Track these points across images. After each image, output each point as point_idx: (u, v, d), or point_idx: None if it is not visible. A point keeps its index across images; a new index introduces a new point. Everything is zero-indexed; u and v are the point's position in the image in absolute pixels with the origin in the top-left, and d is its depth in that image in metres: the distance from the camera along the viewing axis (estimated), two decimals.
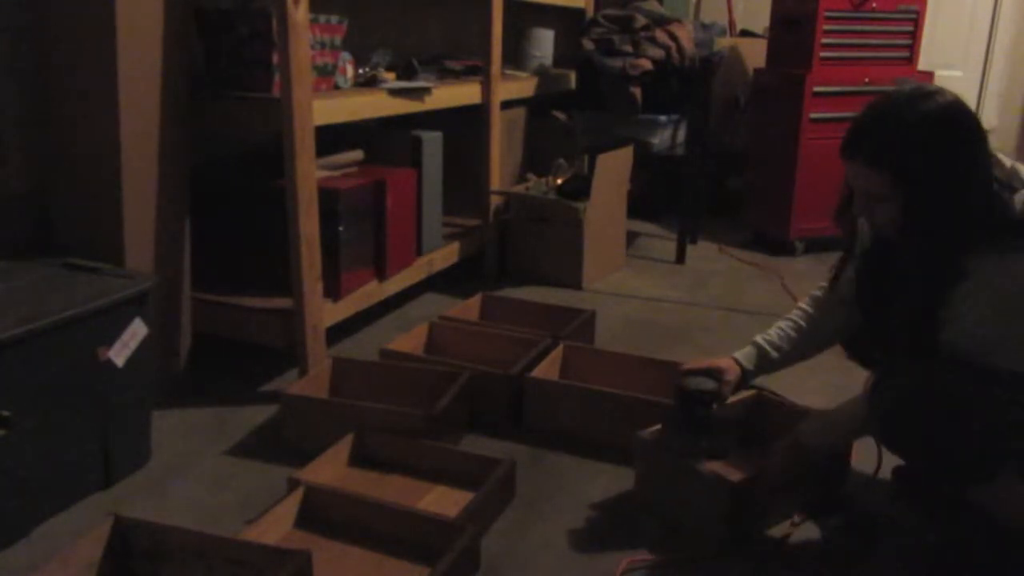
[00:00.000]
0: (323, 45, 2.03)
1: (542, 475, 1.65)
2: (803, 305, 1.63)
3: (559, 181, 3.05)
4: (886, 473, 1.58)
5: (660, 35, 3.21)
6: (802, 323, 1.60)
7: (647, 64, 3.13)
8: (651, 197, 3.79)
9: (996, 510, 1.35)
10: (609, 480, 1.64)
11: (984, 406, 1.26)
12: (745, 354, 1.61)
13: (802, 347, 1.61)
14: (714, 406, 1.53)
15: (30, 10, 1.71)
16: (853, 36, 3.19)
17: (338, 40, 2.09)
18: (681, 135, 3.35)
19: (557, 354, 1.97)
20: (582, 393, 1.78)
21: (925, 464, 1.40)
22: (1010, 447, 1.26)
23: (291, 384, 1.84)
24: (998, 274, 1.26)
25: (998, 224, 1.27)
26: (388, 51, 2.45)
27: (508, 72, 3.17)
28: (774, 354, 1.59)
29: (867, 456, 1.58)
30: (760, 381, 1.69)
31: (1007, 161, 1.33)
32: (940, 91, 1.29)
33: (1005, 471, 1.28)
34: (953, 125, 1.27)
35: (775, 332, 1.61)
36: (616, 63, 3.14)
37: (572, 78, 3.45)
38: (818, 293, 1.62)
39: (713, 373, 1.57)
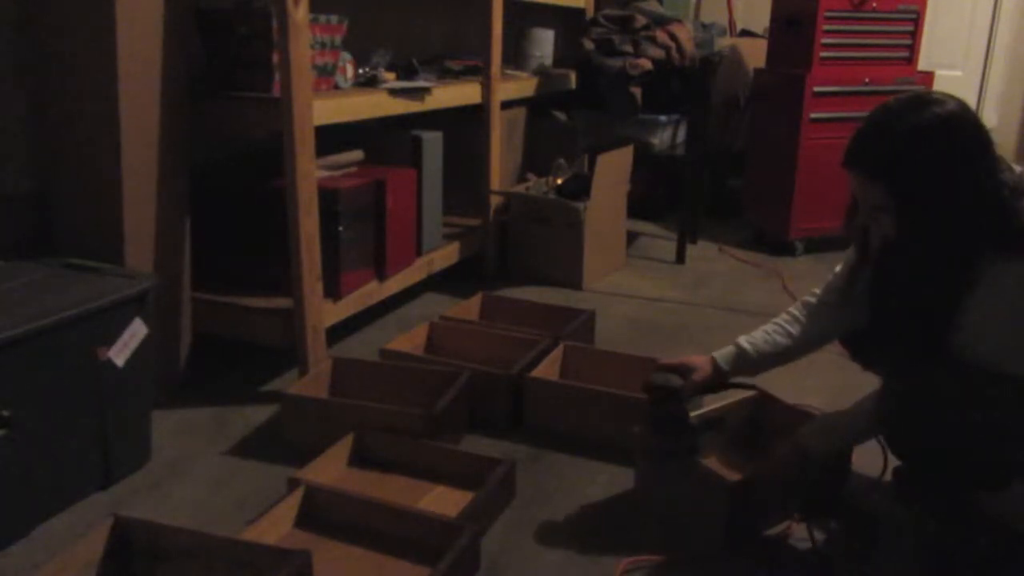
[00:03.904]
0: (323, 45, 2.03)
1: (542, 475, 1.65)
2: (793, 310, 1.62)
3: (559, 181, 3.05)
4: (886, 473, 1.58)
5: (660, 35, 3.21)
6: (789, 327, 1.59)
7: (647, 64, 3.13)
8: (651, 197, 3.79)
9: (1005, 514, 1.34)
10: (609, 480, 1.64)
11: (995, 414, 1.25)
12: (723, 353, 1.59)
13: (786, 350, 1.59)
14: (683, 403, 1.52)
15: (30, 10, 1.71)
16: (853, 36, 3.19)
17: (338, 40, 2.09)
18: (681, 135, 3.35)
19: (557, 354, 1.97)
20: (582, 393, 1.78)
21: (936, 471, 1.40)
22: (1019, 456, 1.26)
23: (291, 384, 1.84)
24: (1012, 281, 1.25)
25: (1011, 231, 1.26)
26: (388, 51, 2.45)
27: (508, 72, 3.18)
28: (754, 355, 1.57)
29: (868, 457, 1.58)
30: (762, 381, 1.69)
31: (1016, 167, 1.32)
32: (940, 99, 1.27)
33: (1017, 477, 1.28)
34: (950, 136, 1.25)
35: (760, 334, 1.60)
36: (616, 63, 3.14)
37: (572, 78, 3.45)
38: (811, 299, 1.61)
39: (682, 370, 1.56)
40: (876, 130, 1.30)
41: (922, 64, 3.36)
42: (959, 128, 1.26)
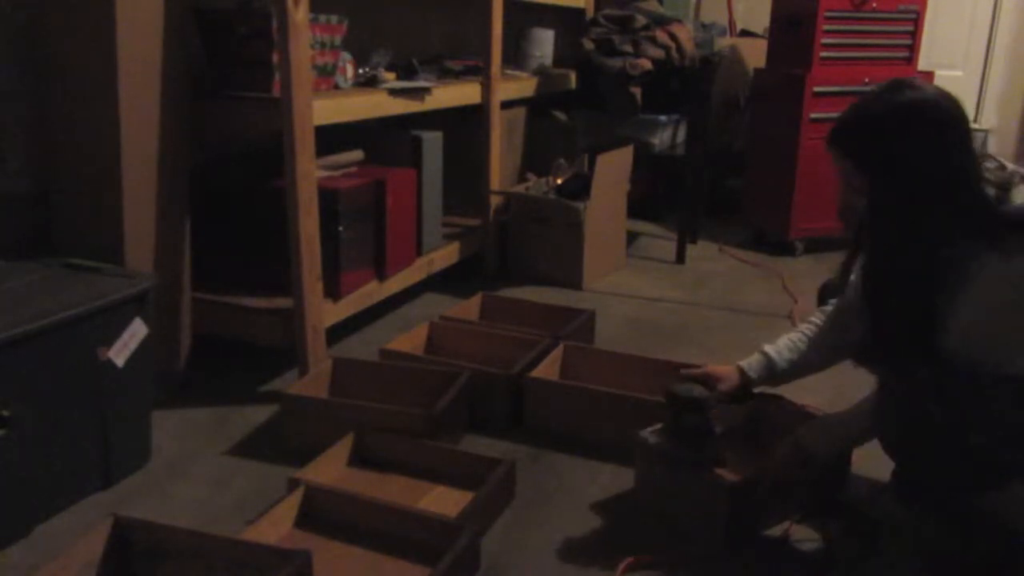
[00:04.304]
0: (323, 45, 2.03)
1: (542, 475, 1.65)
2: (814, 318, 1.62)
3: (559, 181, 3.05)
4: (886, 474, 1.58)
5: (660, 35, 3.21)
6: (812, 334, 1.59)
7: (647, 64, 3.13)
8: (651, 197, 3.79)
9: (1005, 514, 1.34)
10: (609, 480, 1.64)
11: (993, 414, 1.25)
12: (750, 362, 1.59)
13: (812, 357, 1.58)
14: (708, 414, 1.50)
15: (30, 10, 1.71)
16: (853, 36, 3.19)
17: (338, 40, 2.09)
18: (681, 135, 3.35)
19: (557, 354, 1.96)
20: (582, 393, 1.78)
21: (935, 472, 1.40)
22: (1018, 456, 1.26)
23: (291, 384, 1.84)
24: (1002, 279, 1.24)
25: (997, 226, 1.25)
26: (388, 51, 2.45)
27: (508, 72, 3.17)
28: (782, 364, 1.56)
29: (869, 458, 1.58)
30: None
31: (1008, 165, 1.32)
32: (919, 85, 1.28)
33: (1016, 477, 1.28)
34: (921, 118, 1.26)
35: (784, 342, 1.59)
36: (616, 63, 3.14)
37: (572, 78, 3.45)
38: (828, 307, 1.61)
39: (706, 381, 1.56)
40: (852, 111, 1.33)
41: (922, 64, 3.36)
42: (933, 111, 1.26)
